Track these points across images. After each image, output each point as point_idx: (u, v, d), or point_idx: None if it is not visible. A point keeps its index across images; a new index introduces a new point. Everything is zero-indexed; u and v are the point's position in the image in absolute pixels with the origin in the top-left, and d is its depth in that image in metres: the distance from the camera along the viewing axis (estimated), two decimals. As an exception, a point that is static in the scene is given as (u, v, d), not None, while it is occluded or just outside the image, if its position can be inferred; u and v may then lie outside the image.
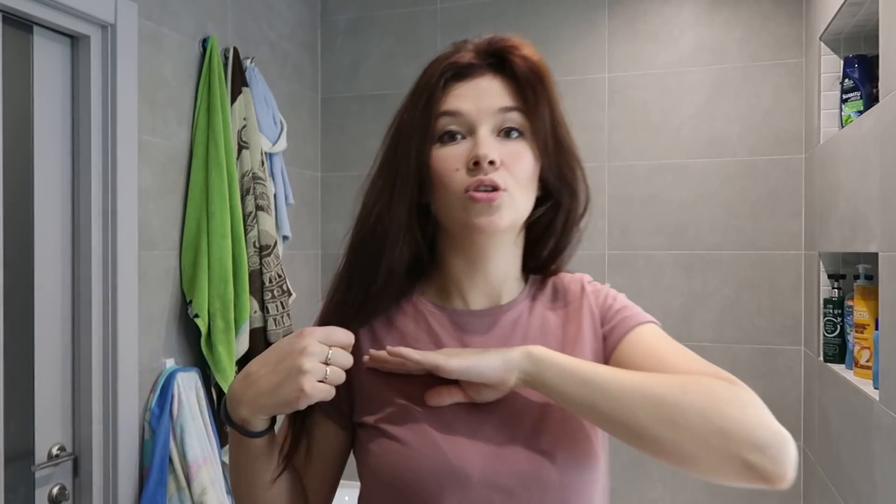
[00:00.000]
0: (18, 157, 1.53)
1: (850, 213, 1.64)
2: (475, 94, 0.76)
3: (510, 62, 0.77)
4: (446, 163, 0.76)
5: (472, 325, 0.81)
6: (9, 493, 1.49)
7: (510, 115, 0.76)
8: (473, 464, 0.71)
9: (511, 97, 0.76)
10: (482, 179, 0.73)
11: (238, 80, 2.05)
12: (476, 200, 0.74)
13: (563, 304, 0.85)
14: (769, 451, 0.62)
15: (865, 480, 1.51)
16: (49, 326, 1.59)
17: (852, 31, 1.89)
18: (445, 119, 0.76)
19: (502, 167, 0.74)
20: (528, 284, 0.86)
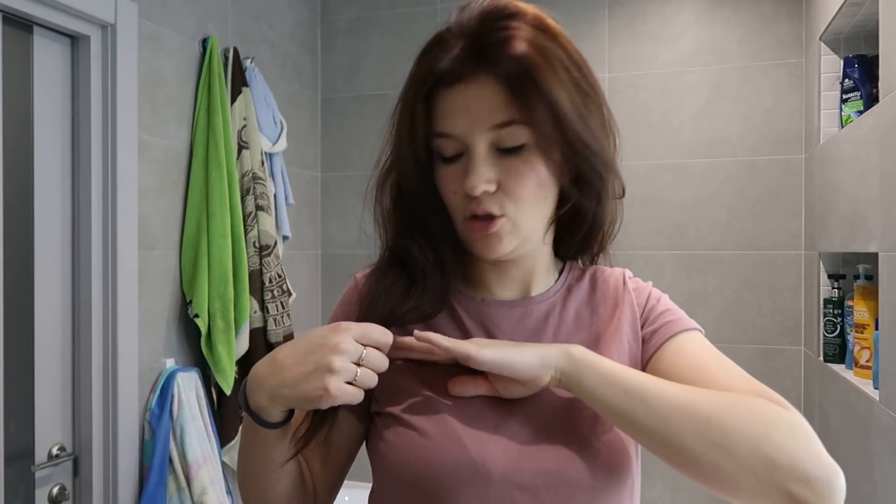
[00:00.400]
0: (18, 157, 1.53)
1: (850, 213, 1.64)
2: (465, 109, 0.67)
3: (494, 60, 0.66)
4: (446, 184, 0.71)
5: (501, 317, 0.77)
6: (9, 493, 1.49)
7: (506, 130, 0.67)
8: (496, 460, 0.67)
9: (505, 108, 0.66)
10: (475, 210, 0.69)
11: (238, 80, 2.05)
12: (473, 231, 0.70)
13: (601, 299, 0.79)
14: (817, 485, 0.58)
15: (865, 480, 1.51)
16: (49, 326, 1.59)
17: (852, 31, 1.89)
18: (439, 140, 0.70)
19: (500, 190, 0.68)
20: (565, 273, 0.81)
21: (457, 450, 0.68)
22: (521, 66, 0.65)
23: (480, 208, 0.68)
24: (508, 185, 0.68)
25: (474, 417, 0.70)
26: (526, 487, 0.67)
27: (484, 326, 0.76)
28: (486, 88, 0.67)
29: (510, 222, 0.69)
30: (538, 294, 0.78)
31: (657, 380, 0.66)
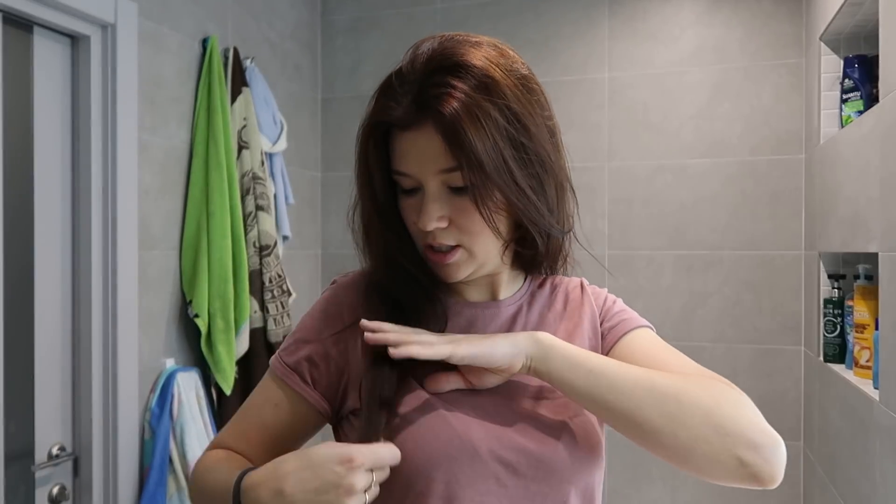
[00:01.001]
0: (18, 157, 1.53)
1: (850, 213, 1.64)
2: (416, 152, 0.72)
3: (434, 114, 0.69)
4: (406, 216, 0.77)
5: (476, 315, 0.82)
6: (9, 493, 1.49)
7: (452, 175, 0.71)
8: (480, 439, 0.72)
9: (446, 156, 0.70)
10: (430, 244, 0.75)
11: (238, 79, 2.05)
12: (432, 261, 0.76)
13: (562, 302, 0.86)
14: (763, 450, 0.65)
15: (865, 480, 1.51)
16: (49, 326, 1.59)
17: (852, 31, 1.89)
18: (397, 176, 0.75)
19: (452, 225, 0.73)
20: (527, 282, 0.87)
21: (443, 430, 0.72)
22: (450, 122, 0.68)
23: (436, 242, 0.74)
24: (459, 221, 0.73)
25: (455, 405, 0.74)
26: (509, 464, 0.72)
27: (457, 323, 0.81)
28: (430, 137, 0.70)
29: (466, 252, 0.75)
30: (505, 298, 0.84)
31: (617, 362, 0.72)
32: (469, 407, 0.74)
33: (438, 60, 0.72)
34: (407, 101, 0.72)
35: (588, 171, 2.37)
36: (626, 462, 2.33)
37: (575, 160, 2.75)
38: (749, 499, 2.21)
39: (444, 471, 0.71)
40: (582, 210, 0.82)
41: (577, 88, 2.39)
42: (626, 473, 2.33)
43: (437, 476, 0.71)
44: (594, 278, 2.54)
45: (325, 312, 0.82)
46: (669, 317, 2.30)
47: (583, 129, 2.37)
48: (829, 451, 1.86)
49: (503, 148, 0.70)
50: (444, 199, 0.73)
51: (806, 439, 2.15)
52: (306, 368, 0.80)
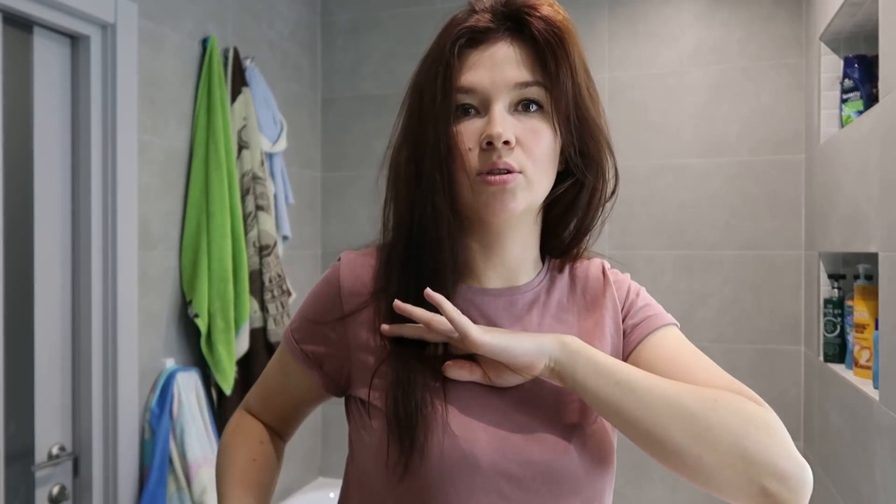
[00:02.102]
0: (18, 157, 1.53)
1: (850, 213, 1.64)
2: (490, 65, 0.70)
3: (528, 25, 0.71)
4: (461, 141, 0.70)
5: (486, 304, 0.77)
6: (9, 493, 1.49)
7: (528, 90, 0.70)
8: (483, 449, 0.69)
9: (529, 69, 0.70)
10: (496, 163, 0.69)
11: (238, 79, 2.05)
12: (489, 184, 0.69)
13: (582, 291, 0.81)
14: (789, 481, 0.61)
15: (865, 480, 1.51)
16: (49, 326, 1.59)
17: (852, 31, 1.89)
18: (459, 95, 0.71)
19: (518, 147, 0.69)
20: (546, 268, 0.82)
21: (446, 440, 0.68)
22: (550, 27, 0.71)
23: (501, 161, 0.69)
24: (526, 141, 0.70)
25: (462, 405, 0.71)
26: (513, 477, 0.68)
27: (469, 313, 0.76)
28: (511, 49, 0.71)
29: (525, 180, 0.70)
30: (524, 284, 0.79)
31: (646, 373, 0.68)
32: (477, 409, 0.71)
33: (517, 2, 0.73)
34: (490, 15, 0.72)
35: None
36: (625, 462, 2.32)
37: (575, 160, 2.71)
38: (749, 499, 2.21)
39: (443, 483, 0.68)
40: None
41: (577, 88, 2.39)
42: (626, 473, 2.33)
43: (436, 488, 0.68)
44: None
45: (327, 294, 0.79)
46: (669, 317, 2.30)
47: (583, 129, 2.36)
48: (829, 451, 1.86)
49: (587, 76, 0.73)
50: (512, 120, 0.70)
51: (806, 439, 2.15)
52: (311, 350, 0.80)
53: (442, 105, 0.71)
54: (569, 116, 0.71)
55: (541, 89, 0.70)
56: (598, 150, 0.75)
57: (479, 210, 0.71)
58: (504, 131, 0.68)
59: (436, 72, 0.72)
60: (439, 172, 0.71)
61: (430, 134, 0.71)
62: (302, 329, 0.81)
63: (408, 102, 0.76)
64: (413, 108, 0.75)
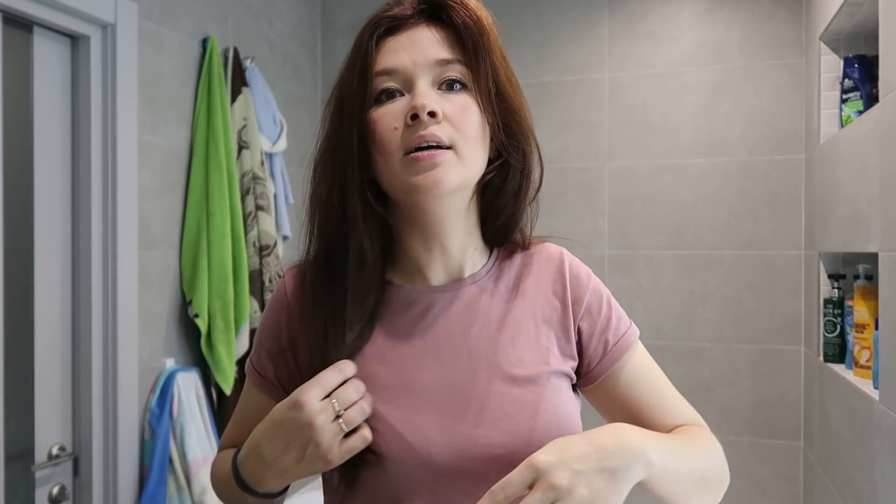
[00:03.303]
0: (18, 157, 1.53)
1: (850, 213, 1.64)
2: (410, 46, 0.71)
3: (447, 9, 0.72)
4: (383, 121, 0.69)
5: (433, 301, 0.76)
6: (9, 493, 1.49)
7: (450, 67, 0.71)
8: (440, 452, 0.68)
9: (449, 48, 0.71)
10: (423, 136, 0.67)
11: (238, 79, 2.05)
12: (418, 160, 0.67)
13: (536, 277, 0.79)
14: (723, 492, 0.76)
15: (865, 480, 1.51)
16: (49, 326, 1.59)
17: (852, 31, 1.89)
18: (381, 78, 0.71)
19: (445, 121, 0.69)
20: (494, 258, 0.80)
21: (399, 448, 0.69)
22: (468, 12, 0.72)
23: (429, 133, 0.67)
24: (454, 117, 0.69)
25: (416, 407, 0.71)
26: (475, 474, 0.68)
27: (417, 313, 0.76)
28: (430, 32, 0.72)
29: (455, 155, 0.69)
30: (470, 275, 0.78)
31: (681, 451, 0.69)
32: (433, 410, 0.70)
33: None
34: (409, 7, 0.74)
35: (588, 171, 2.37)
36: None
37: (575, 160, 2.75)
38: (748, 499, 2.21)
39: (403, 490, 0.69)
40: (582, 210, 0.80)
41: (577, 88, 2.39)
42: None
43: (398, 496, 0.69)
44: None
45: (274, 307, 0.80)
46: (669, 317, 2.30)
47: (583, 129, 2.37)
48: (829, 451, 1.86)
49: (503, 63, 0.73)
50: (437, 96, 0.70)
51: (806, 439, 2.15)
52: (271, 371, 0.79)
53: (360, 93, 0.71)
54: (490, 94, 0.71)
55: (462, 67, 0.71)
56: (521, 131, 0.75)
57: (409, 191, 0.69)
58: (429, 102, 0.67)
59: (354, 62, 0.73)
60: (354, 160, 0.71)
61: (346, 122, 0.71)
62: (261, 354, 0.80)
63: (332, 101, 0.76)
64: (336, 104, 0.75)
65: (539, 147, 0.78)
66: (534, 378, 0.73)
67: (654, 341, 2.28)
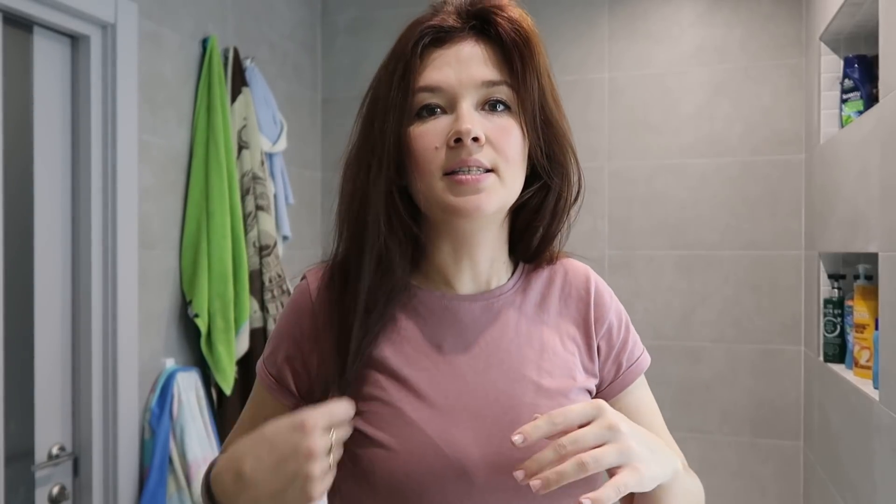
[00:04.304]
0: (18, 158, 1.53)
1: (850, 213, 1.64)
2: (456, 63, 0.69)
3: (494, 25, 0.70)
4: (424, 140, 0.68)
5: (463, 310, 0.75)
6: (9, 493, 1.49)
7: (496, 89, 0.69)
8: (475, 464, 0.67)
9: (496, 68, 0.69)
10: (465, 160, 0.66)
11: (238, 79, 2.05)
12: (460, 183, 0.67)
13: (561, 294, 0.79)
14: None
15: (865, 480, 1.51)
16: (49, 326, 1.59)
17: (852, 31, 1.89)
18: (424, 94, 0.69)
19: (488, 144, 0.68)
20: (520, 272, 0.80)
21: (433, 456, 0.67)
22: (517, 28, 0.70)
23: (472, 158, 0.67)
24: (496, 139, 0.68)
25: (453, 418, 0.69)
26: (508, 489, 0.67)
27: (447, 321, 0.75)
28: (477, 48, 0.70)
29: (497, 179, 0.69)
30: (496, 288, 0.77)
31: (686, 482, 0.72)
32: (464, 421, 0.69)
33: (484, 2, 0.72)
34: (456, 15, 0.71)
35: (588, 171, 2.35)
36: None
37: (575, 160, 2.70)
38: (747, 499, 2.21)
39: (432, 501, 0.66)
40: (582, 210, 0.80)
41: (576, 88, 2.39)
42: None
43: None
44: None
45: (294, 311, 0.77)
46: (669, 317, 2.30)
47: (583, 129, 2.37)
48: (829, 451, 1.86)
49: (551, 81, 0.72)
50: (480, 118, 0.69)
51: (806, 439, 2.15)
52: (289, 376, 0.76)
53: (399, 104, 0.69)
54: (535, 117, 0.71)
55: (508, 89, 0.70)
56: (563, 153, 0.74)
57: (449, 212, 0.69)
58: (473, 127, 0.66)
59: (395, 69, 0.70)
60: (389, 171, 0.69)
61: (384, 131, 0.69)
62: (278, 358, 0.77)
63: (367, 103, 0.74)
64: (370, 108, 0.73)
65: (580, 169, 0.77)
66: (564, 392, 0.73)
67: (654, 341, 2.28)
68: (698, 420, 2.26)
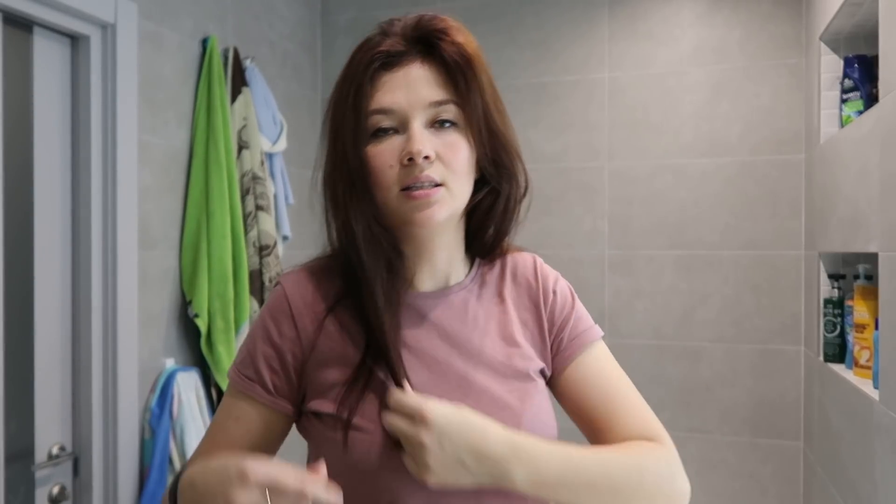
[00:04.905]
0: (18, 158, 1.53)
1: (850, 213, 1.64)
2: (406, 86, 0.75)
3: (439, 49, 0.75)
4: (381, 159, 0.75)
5: (427, 306, 0.82)
6: (9, 493, 1.49)
7: (444, 109, 0.75)
8: None
9: (442, 88, 0.75)
10: (418, 177, 0.73)
11: (238, 79, 2.05)
12: (413, 198, 0.74)
13: (514, 284, 0.87)
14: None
15: (865, 480, 1.51)
16: (49, 326, 1.59)
17: (852, 31, 1.89)
18: (377, 117, 0.75)
19: (437, 161, 0.74)
20: (476, 267, 0.87)
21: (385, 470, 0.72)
22: (460, 50, 0.75)
23: (424, 175, 0.73)
24: (445, 155, 0.75)
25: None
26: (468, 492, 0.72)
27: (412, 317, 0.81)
28: (424, 70, 0.76)
29: (447, 191, 0.75)
30: (456, 283, 0.84)
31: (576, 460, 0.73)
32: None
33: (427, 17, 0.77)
34: (401, 38, 0.76)
35: (588, 171, 2.37)
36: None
37: (575, 160, 2.75)
38: (747, 499, 2.21)
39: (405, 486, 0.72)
40: (582, 210, 0.82)
41: (576, 88, 2.39)
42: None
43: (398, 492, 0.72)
44: (594, 278, 2.52)
45: (277, 316, 0.81)
46: (669, 317, 2.30)
47: (583, 129, 2.37)
48: (829, 451, 1.86)
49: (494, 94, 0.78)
50: (428, 135, 0.74)
51: (806, 439, 2.15)
52: (268, 376, 0.79)
53: (353, 126, 0.76)
54: (481, 130, 0.77)
55: (454, 107, 0.76)
56: (509, 159, 0.81)
57: (405, 222, 0.76)
58: (423, 148, 0.72)
59: (349, 94, 0.76)
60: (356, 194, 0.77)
61: (343, 154, 0.77)
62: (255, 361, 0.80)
63: (328, 125, 0.81)
64: (332, 131, 0.80)
65: (525, 170, 0.83)
66: (520, 376, 0.80)
67: (654, 341, 2.28)
68: (698, 420, 2.26)
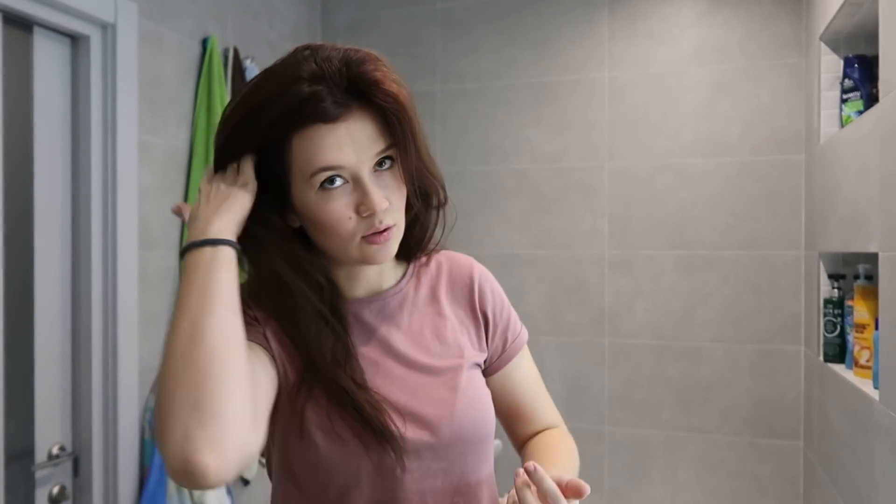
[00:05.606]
0: (18, 158, 1.53)
1: (850, 213, 1.64)
2: (352, 143, 0.76)
3: (375, 100, 0.77)
4: (338, 212, 0.77)
5: (361, 311, 0.87)
6: (9, 493, 1.49)
7: (384, 153, 0.79)
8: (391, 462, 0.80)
9: (381, 136, 0.78)
10: (378, 227, 0.78)
11: (238, 79, 2.05)
12: (374, 243, 0.79)
13: (449, 283, 0.93)
14: None
15: (865, 480, 1.51)
16: (49, 326, 1.59)
17: (852, 31, 1.89)
18: (326, 174, 0.76)
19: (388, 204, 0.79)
20: (411, 269, 0.93)
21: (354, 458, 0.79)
22: (395, 99, 0.77)
23: (383, 224, 0.78)
24: (391, 197, 0.80)
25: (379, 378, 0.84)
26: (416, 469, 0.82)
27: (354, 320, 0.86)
28: (362, 123, 0.77)
29: (397, 228, 0.82)
30: (389, 288, 0.90)
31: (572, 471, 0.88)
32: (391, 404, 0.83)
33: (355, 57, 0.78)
34: (335, 90, 0.76)
35: (588, 171, 2.37)
36: (626, 462, 2.32)
37: (575, 160, 2.74)
38: (747, 499, 2.21)
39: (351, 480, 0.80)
40: (582, 210, 0.83)
41: (576, 88, 2.39)
42: (625, 474, 2.32)
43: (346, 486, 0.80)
44: (594, 278, 2.52)
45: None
46: (669, 317, 2.30)
47: (583, 129, 2.37)
48: (829, 451, 1.86)
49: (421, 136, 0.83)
50: (377, 182, 0.79)
51: (806, 439, 2.15)
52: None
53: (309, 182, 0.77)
54: (412, 171, 0.82)
55: (394, 150, 0.80)
56: (433, 188, 0.87)
57: (363, 262, 0.82)
58: (381, 201, 0.77)
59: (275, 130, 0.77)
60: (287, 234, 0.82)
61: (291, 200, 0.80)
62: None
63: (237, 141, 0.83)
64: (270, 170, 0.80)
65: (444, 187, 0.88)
66: (453, 368, 0.87)
67: (654, 341, 2.28)
68: (698, 420, 2.26)
